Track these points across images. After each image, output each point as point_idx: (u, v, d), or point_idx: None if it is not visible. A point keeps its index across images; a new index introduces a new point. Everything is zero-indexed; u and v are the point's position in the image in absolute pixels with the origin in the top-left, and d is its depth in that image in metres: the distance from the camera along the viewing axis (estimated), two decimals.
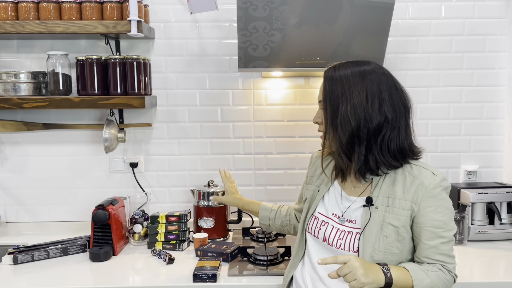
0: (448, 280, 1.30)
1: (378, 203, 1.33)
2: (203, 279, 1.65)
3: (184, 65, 2.26)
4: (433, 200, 1.30)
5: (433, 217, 1.29)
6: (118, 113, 2.25)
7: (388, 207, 1.32)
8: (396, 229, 1.30)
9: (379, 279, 1.21)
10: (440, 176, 1.32)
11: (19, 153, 2.26)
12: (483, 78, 2.28)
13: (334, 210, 1.41)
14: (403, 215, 1.30)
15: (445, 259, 1.30)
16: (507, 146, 2.29)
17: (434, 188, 1.30)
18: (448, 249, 1.31)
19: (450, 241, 1.32)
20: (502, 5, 2.25)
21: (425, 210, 1.30)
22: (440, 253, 1.30)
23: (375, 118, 1.28)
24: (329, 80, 1.33)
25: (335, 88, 1.31)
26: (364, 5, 1.89)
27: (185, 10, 2.20)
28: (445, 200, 1.32)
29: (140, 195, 2.21)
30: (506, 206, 2.10)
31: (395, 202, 1.32)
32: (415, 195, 1.30)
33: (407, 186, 1.32)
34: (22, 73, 2.05)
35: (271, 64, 1.98)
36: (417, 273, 1.26)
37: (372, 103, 1.28)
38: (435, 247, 1.30)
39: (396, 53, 2.25)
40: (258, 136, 2.30)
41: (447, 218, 1.31)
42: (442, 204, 1.31)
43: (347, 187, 1.42)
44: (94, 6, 1.98)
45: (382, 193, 1.34)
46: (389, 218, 1.31)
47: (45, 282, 1.69)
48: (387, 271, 1.23)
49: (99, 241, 1.96)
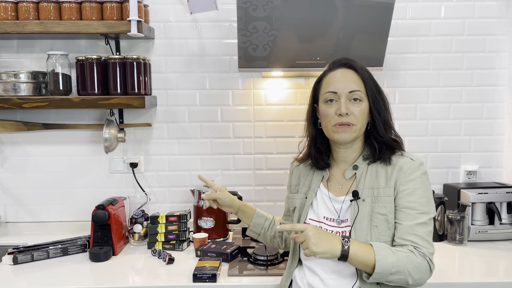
0: (419, 263, 1.27)
1: (364, 195, 1.36)
2: (203, 279, 1.65)
3: (184, 65, 2.26)
4: (411, 183, 1.33)
5: (409, 199, 1.32)
6: (118, 113, 2.25)
7: (374, 197, 1.35)
8: (385, 217, 1.32)
9: (333, 250, 1.24)
10: (418, 161, 1.37)
11: (19, 153, 2.26)
12: (483, 78, 2.28)
13: (325, 213, 1.42)
14: (389, 201, 1.34)
15: (419, 240, 1.29)
16: (507, 146, 2.29)
17: (412, 172, 1.34)
18: (423, 231, 1.30)
19: (426, 225, 1.31)
20: (502, 5, 2.25)
21: (402, 193, 1.33)
22: (413, 234, 1.30)
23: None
24: (361, 69, 1.40)
25: (366, 76, 1.40)
26: (364, 5, 1.89)
27: (185, 10, 2.20)
28: (423, 183, 1.35)
29: (140, 195, 2.21)
30: (506, 206, 2.10)
31: (379, 191, 1.35)
32: (395, 180, 1.35)
33: (389, 174, 1.36)
34: (22, 73, 2.05)
35: (271, 64, 1.98)
36: (382, 250, 1.26)
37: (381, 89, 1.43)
38: (409, 227, 1.30)
39: (396, 53, 2.25)
40: (258, 136, 2.30)
41: (424, 201, 1.32)
42: (420, 187, 1.33)
43: (333, 188, 1.44)
44: (94, 6, 1.98)
45: (366, 185, 1.37)
46: (377, 207, 1.33)
47: (45, 282, 1.69)
48: (346, 243, 1.25)
49: (99, 241, 1.96)
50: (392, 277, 1.25)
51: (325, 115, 1.40)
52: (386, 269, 1.24)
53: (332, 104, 1.38)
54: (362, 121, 1.38)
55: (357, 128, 1.37)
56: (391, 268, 1.24)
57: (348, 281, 1.35)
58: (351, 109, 1.36)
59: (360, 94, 1.37)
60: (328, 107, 1.39)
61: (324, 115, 1.40)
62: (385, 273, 1.24)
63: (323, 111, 1.41)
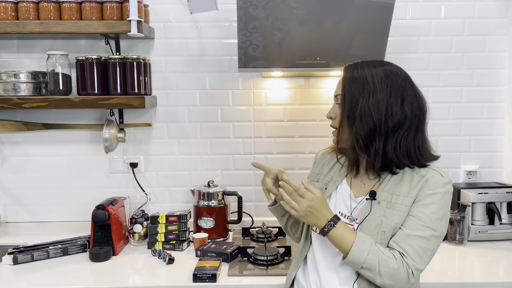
0: (395, 270, 1.23)
1: (381, 198, 1.33)
2: (203, 279, 1.65)
3: (184, 65, 2.26)
4: (432, 197, 1.29)
5: (421, 209, 1.28)
6: (118, 113, 2.25)
7: (390, 203, 1.31)
8: (396, 225, 1.29)
9: (315, 225, 1.30)
10: (447, 179, 1.32)
11: (19, 153, 2.26)
12: (483, 78, 2.28)
13: (341, 208, 1.41)
14: (404, 211, 1.30)
15: (410, 252, 1.25)
16: (507, 146, 2.29)
17: (437, 188, 1.29)
18: (420, 246, 1.25)
19: (427, 241, 1.26)
20: (502, 5, 2.25)
21: (418, 203, 1.29)
22: (408, 243, 1.25)
23: (397, 114, 1.29)
24: (350, 76, 1.34)
25: (357, 83, 1.33)
26: (364, 5, 1.89)
27: (185, 10, 2.20)
28: (443, 201, 1.30)
29: (140, 195, 2.21)
30: (506, 206, 2.10)
31: (398, 199, 1.31)
32: (418, 190, 1.30)
33: (413, 185, 1.32)
34: (22, 73, 2.05)
35: (271, 64, 1.98)
36: (362, 244, 1.25)
37: (396, 99, 1.30)
38: (408, 236, 1.26)
39: (396, 53, 2.25)
40: (258, 136, 2.30)
41: (435, 217, 1.27)
42: (438, 204, 1.28)
43: (356, 186, 1.41)
44: (94, 6, 1.98)
45: (387, 189, 1.34)
46: (390, 214, 1.30)
47: (45, 282, 1.69)
48: (329, 226, 1.28)
49: (99, 241, 1.96)
50: (362, 270, 1.26)
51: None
52: (358, 262, 1.24)
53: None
54: (342, 126, 1.34)
55: (341, 132, 1.35)
56: (363, 263, 1.24)
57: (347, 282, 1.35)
58: (337, 112, 1.37)
59: (340, 97, 1.35)
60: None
61: None
62: (355, 264, 1.26)
63: None
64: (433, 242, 1.27)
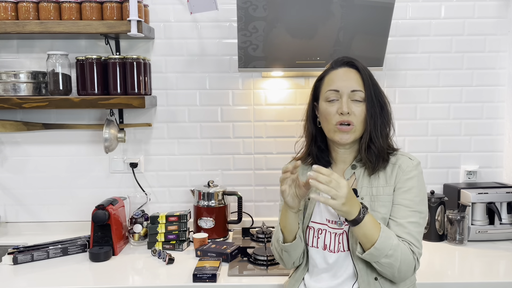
0: (410, 261, 1.28)
1: (363, 193, 1.36)
2: (203, 279, 1.65)
3: (184, 65, 2.26)
4: (409, 181, 1.34)
5: (404, 196, 1.33)
6: (118, 113, 2.25)
7: (373, 196, 1.35)
8: (384, 216, 1.32)
9: (350, 213, 1.22)
10: (416, 161, 1.38)
11: (19, 153, 2.26)
12: (483, 78, 2.28)
13: (326, 216, 1.39)
14: (388, 200, 1.34)
15: (413, 240, 1.30)
16: (507, 146, 2.29)
17: (411, 171, 1.35)
18: (416, 231, 1.31)
19: (419, 225, 1.32)
20: (502, 5, 2.25)
21: (399, 190, 1.34)
22: (407, 233, 1.30)
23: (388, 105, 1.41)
24: (363, 70, 1.38)
25: (372, 78, 1.38)
26: (364, 5, 1.89)
27: (185, 10, 2.20)
28: (419, 182, 1.36)
29: (140, 195, 2.21)
30: (506, 206, 2.10)
31: (379, 190, 1.35)
32: (395, 178, 1.35)
33: (388, 173, 1.37)
34: (22, 73, 2.05)
35: (271, 64, 1.98)
36: (388, 231, 1.27)
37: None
38: (403, 225, 1.31)
39: (396, 53, 2.25)
40: (258, 136, 2.30)
41: (418, 200, 1.33)
42: (416, 186, 1.34)
43: None
44: (94, 6, 1.98)
45: (365, 184, 1.37)
46: (376, 206, 1.33)
47: (45, 282, 1.69)
48: (363, 213, 1.23)
49: (99, 241, 1.96)
50: (384, 259, 1.24)
51: (325, 114, 1.37)
52: (385, 248, 1.23)
53: (334, 103, 1.36)
54: (362, 122, 1.36)
55: (357, 129, 1.36)
56: (389, 250, 1.24)
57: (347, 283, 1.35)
58: (352, 108, 1.34)
59: (361, 94, 1.35)
60: (329, 106, 1.37)
61: (324, 114, 1.38)
62: (382, 251, 1.23)
63: (323, 110, 1.38)
64: (422, 223, 1.35)
